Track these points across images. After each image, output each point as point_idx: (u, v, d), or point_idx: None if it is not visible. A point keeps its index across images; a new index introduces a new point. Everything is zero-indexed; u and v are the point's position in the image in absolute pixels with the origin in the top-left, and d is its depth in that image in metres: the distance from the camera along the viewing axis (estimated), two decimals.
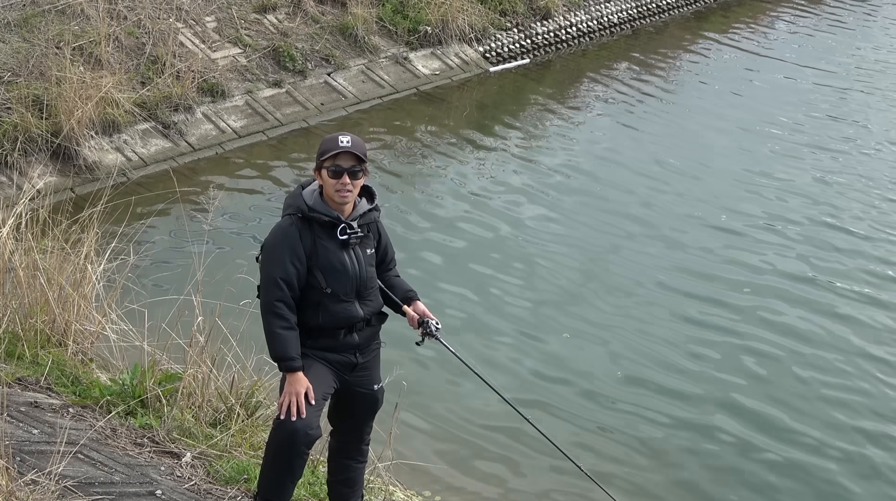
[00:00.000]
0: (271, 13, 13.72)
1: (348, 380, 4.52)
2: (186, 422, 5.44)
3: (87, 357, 6.21)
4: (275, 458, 4.37)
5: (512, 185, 11.73)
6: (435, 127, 13.17)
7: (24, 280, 6.21)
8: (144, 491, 4.61)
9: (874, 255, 10.75)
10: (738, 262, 10.35)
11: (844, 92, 15.77)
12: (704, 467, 7.50)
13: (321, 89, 13.09)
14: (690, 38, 17.62)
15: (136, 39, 12.13)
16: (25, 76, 10.77)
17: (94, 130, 10.70)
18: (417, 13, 14.57)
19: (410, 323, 4.64)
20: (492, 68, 14.99)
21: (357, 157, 4.35)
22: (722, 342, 8.96)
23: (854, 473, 7.54)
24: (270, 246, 4.39)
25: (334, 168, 4.34)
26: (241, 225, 10.18)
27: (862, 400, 8.34)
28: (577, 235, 10.71)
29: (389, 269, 4.72)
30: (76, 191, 10.21)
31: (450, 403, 7.88)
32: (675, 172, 12.41)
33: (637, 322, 9.14)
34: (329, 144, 4.38)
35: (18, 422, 4.93)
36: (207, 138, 11.68)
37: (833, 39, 18.38)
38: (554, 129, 13.58)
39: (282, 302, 4.31)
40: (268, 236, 4.45)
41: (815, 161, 13.10)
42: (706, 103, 14.89)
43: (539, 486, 7.17)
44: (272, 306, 4.30)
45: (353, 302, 4.45)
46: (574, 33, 16.61)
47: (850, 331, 9.28)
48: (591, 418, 7.88)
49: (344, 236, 4.41)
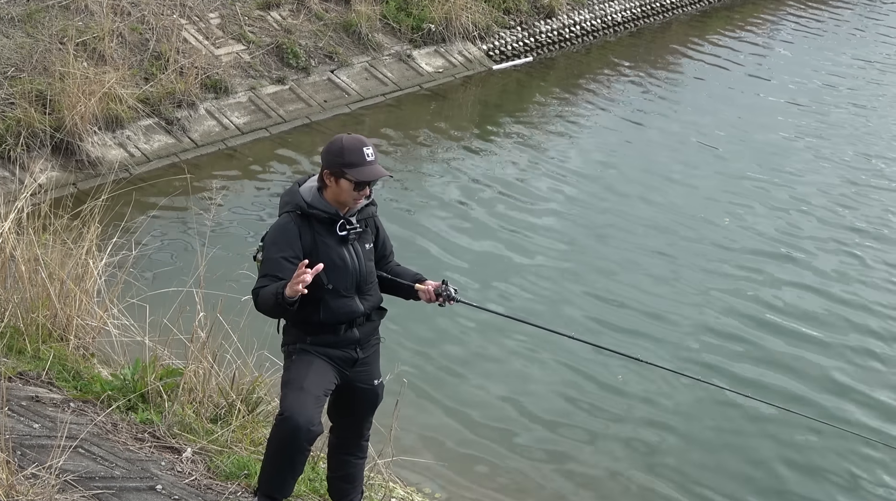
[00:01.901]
0: (275, 10, 13.72)
1: (349, 376, 4.52)
2: (187, 417, 5.44)
3: (88, 352, 6.22)
4: (276, 454, 4.37)
5: (514, 183, 11.73)
6: (438, 125, 13.16)
7: (26, 275, 6.21)
8: (145, 486, 4.61)
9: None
10: (744, 266, 10.34)
11: (850, 91, 15.74)
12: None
13: (324, 86, 13.09)
14: (695, 37, 17.59)
15: (140, 35, 12.13)
16: (29, 71, 10.78)
17: (96, 125, 10.71)
18: (421, 11, 14.57)
19: (426, 297, 4.60)
20: (495, 66, 14.98)
21: (383, 172, 4.39)
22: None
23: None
24: (269, 244, 4.39)
25: (359, 181, 4.33)
26: (243, 221, 10.18)
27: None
28: (578, 233, 10.71)
29: (389, 261, 4.74)
30: (78, 186, 10.22)
31: (450, 399, 7.89)
32: (678, 170, 12.40)
33: (642, 318, 9.15)
34: (355, 156, 4.32)
35: (19, 416, 4.94)
36: (210, 135, 11.68)
37: (838, 38, 18.35)
38: (557, 127, 13.57)
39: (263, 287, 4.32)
40: (267, 234, 4.46)
41: (821, 158, 13.09)
42: (710, 102, 14.86)
43: (540, 482, 7.17)
44: (258, 292, 4.31)
45: (354, 297, 4.46)
46: (578, 32, 16.59)
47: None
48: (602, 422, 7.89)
49: (343, 231, 4.41)
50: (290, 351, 4.49)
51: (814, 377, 8.56)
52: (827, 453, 7.66)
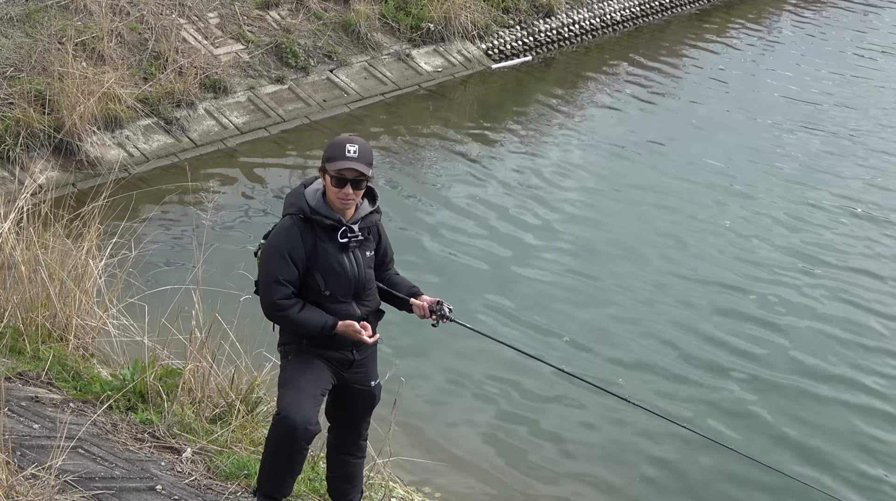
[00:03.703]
0: (274, 9, 13.72)
1: (346, 377, 4.52)
2: (187, 417, 5.45)
3: (87, 352, 6.23)
4: (274, 453, 4.38)
5: (513, 181, 11.73)
6: (437, 124, 13.16)
7: (26, 275, 6.22)
8: (144, 486, 4.61)
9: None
10: (745, 261, 10.35)
11: (848, 88, 15.74)
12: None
13: (323, 86, 13.09)
14: (693, 36, 17.60)
15: (139, 35, 12.13)
16: (28, 71, 10.78)
17: (96, 125, 10.71)
18: (420, 10, 14.57)
19: (420, 313, 4.60)
20: (494, 65, 14.99)
21: (361, 170, 4.27)
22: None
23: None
24: (271, 246, 4.37)
25: (338, 177, 4.28)
26: (242, 221, 10.18)
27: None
28: (578, 230, 10.71)
29: (388, 269, 4.72)
30: (78, 186, 10.23)
31: (449, 399, 7.89)
32: (676, 168, 12.41)
33: (643, 313, 9.16)
34: (336, 150, 4.29)
35: (19, 417, 4.94)
36: (209, 134, 11.68)
37: (836, 36, 18.35)
38: (556, 126, 13.58)
39: (284, 298, 4.31)
40: (269, 235, 4.44)
41: (821, 155, 13.10)
42: (708, 101, 14.86)
43: (538, 482, 7.18)
44: (277, 305, 4.30)
45: (351, 303, 4.45)
46: (576, 31, 16.60)
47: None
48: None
49: (344, 239, 4.39)
50: (287, 351, 4.49)
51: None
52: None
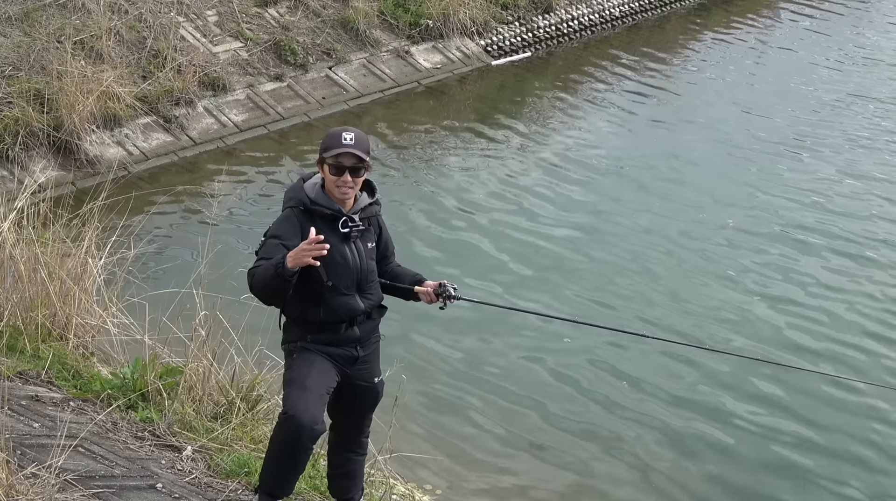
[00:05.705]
0: (272, 7, 13.70)
1: (349, 374, 4.52)
2: (187, 416, 5.44)
3: (87, 351, 6.22)
4: (279, 452, 4.37)
5: (513, 178, 11.72)
6: (436, 121, 13.15)
7: (26, 274, 6.21)
8: (145, 485, 4.61)
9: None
10: (745, 257, 10.35)
11: (847, 84, 15.72)
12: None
13: (322, 83, 13.08)
14: (692, 31, 17.58)
15: (138, 33, 12.12)
16: (26, 70, 10.77)
17: (95, 124, 10.70)
18: (419, 7, 14.55)
19: (427, 299, 4.60)
20: (493, 62, 14.97)
21: (359, 154, 4.33)
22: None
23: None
24: (268, 235, 4.40)
25: (336, 165, 4.32)
26: (243, 219, 10.18)
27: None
28: (578, 228, 10.71)
29: (390, 262, 4.73)
30: (77, 185, 10.22)
31: (450, 396, 7.89)
32: (676, 165, 12.39)
33: (642, 309, 9.16)
34: (332, 140, 4.35)
35: (19, 416, 4.93)
36: (209, 132, 11.68)
37: (835, 32, 18.32)
38: (555, 122, 13.56)
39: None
40: (269, 228, 4.46)
41: (820, 153, 13.09)
42: (708, 97, 14.85)
43: (540, 479, 7.17)
44: (249, 274, 4.27)
45: (354, 295, 4.45)
46: (576, 27, 16.57)
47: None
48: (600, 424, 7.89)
49: (346, 228, 4.40)
50: (291, 350, 4.48)
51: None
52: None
